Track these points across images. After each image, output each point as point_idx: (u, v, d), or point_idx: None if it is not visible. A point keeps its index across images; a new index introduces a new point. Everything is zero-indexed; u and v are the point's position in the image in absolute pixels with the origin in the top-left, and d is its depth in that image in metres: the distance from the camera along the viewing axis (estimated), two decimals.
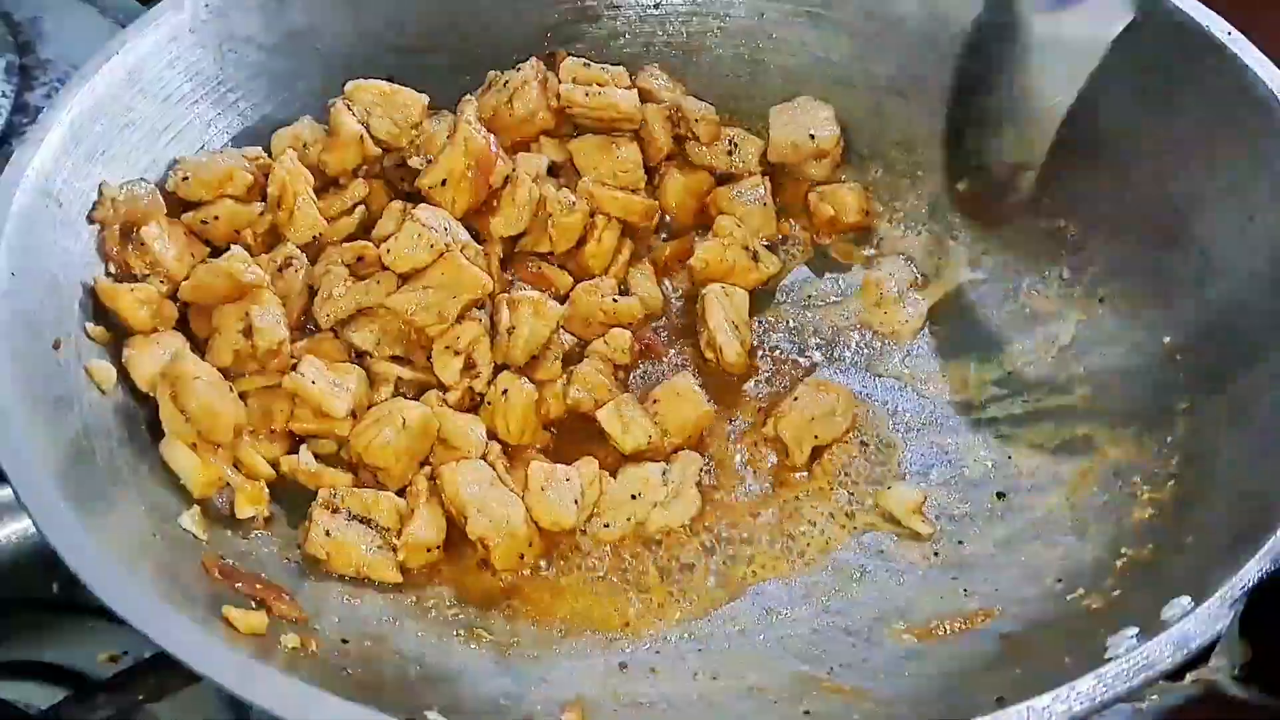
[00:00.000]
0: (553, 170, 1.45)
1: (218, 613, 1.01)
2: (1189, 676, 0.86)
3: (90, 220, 1.21)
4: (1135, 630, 0.93)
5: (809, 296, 1.47)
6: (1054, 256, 1.40)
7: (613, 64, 1.49)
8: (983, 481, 1.28)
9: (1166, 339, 1.26)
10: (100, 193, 1.22)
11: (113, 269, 1.21)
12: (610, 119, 1.45)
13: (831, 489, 1.29)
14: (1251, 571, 0.89)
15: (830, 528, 1.26)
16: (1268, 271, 1.18)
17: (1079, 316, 1.35)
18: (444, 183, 1.31)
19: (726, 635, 1.17)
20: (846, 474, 1.30)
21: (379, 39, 1.48)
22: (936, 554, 1.23)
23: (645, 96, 1.49)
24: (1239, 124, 1.23)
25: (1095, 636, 0.98)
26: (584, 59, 1.47)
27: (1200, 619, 0.87)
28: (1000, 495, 1.26)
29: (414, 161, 1.36)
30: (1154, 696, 0.89)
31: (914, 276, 1.47)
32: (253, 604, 1.05)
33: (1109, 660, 0.88)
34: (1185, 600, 0.92)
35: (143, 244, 1.21)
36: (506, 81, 1.43)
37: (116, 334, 1.19)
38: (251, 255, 1.25)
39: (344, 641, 1.09)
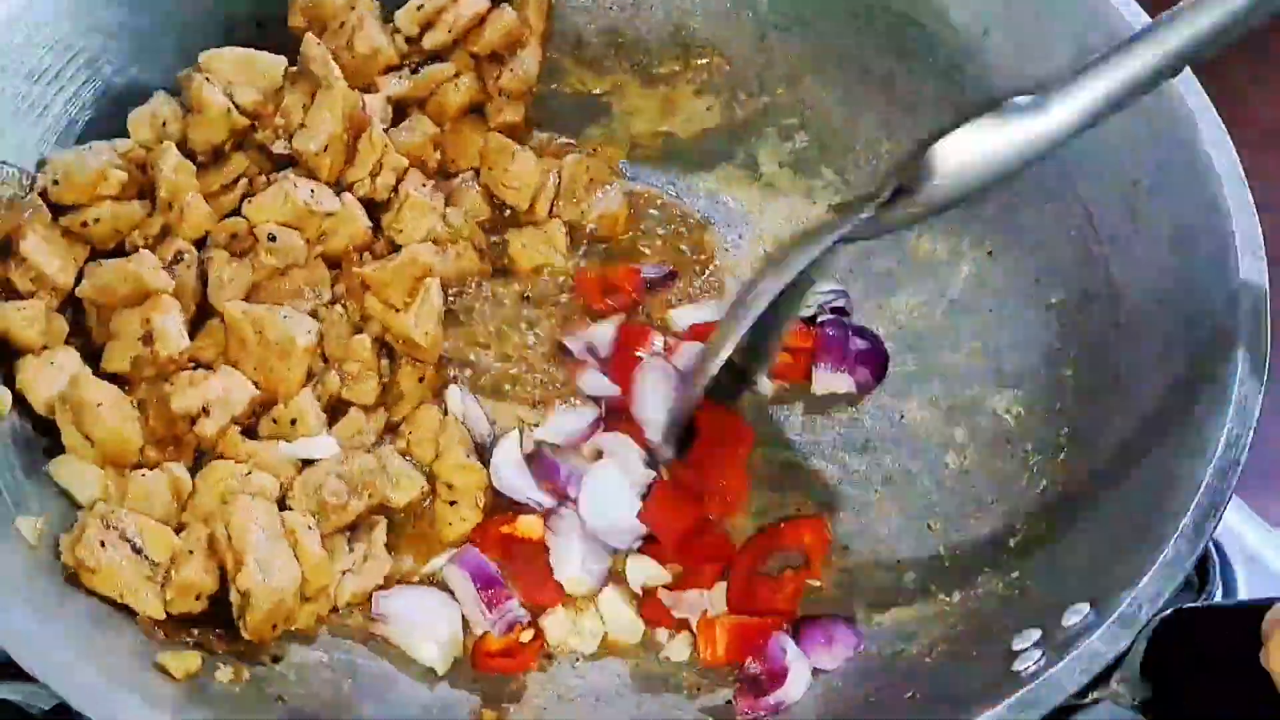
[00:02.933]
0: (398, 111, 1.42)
1: (147, 659, 1.00)
2: (1091, 695, 0.92)
3: None
4: (1038, 634, 0.99)
5: None
6: None
7: None
8: (874, 441, 1.33)
9: (1052, 299, 1.30)
10: None
11: None
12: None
13: None
14: (1149, 588, 0.94)
15: None
16: (1149, 240, 1.21)
17: (967, 269, 1.39)
18: (326, 149, 1.28)
19: None
20: None
21: None
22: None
23: None
24: (1157, 139, 1.22)
25: (998, 625, 1.05)
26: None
27: (1105, 639, 0.93)
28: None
29: (264, 135, 1.32)
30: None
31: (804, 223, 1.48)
32: (188, 644, 1.05)
33: (1017, 674, 0.94)
34: (1084, 606, 0.98)
35: (24, 260, 1.15)
36: (343, 23, 1.37)
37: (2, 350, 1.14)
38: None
39: (275, 660, 1.10)
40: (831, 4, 1.46)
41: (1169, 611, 0.90)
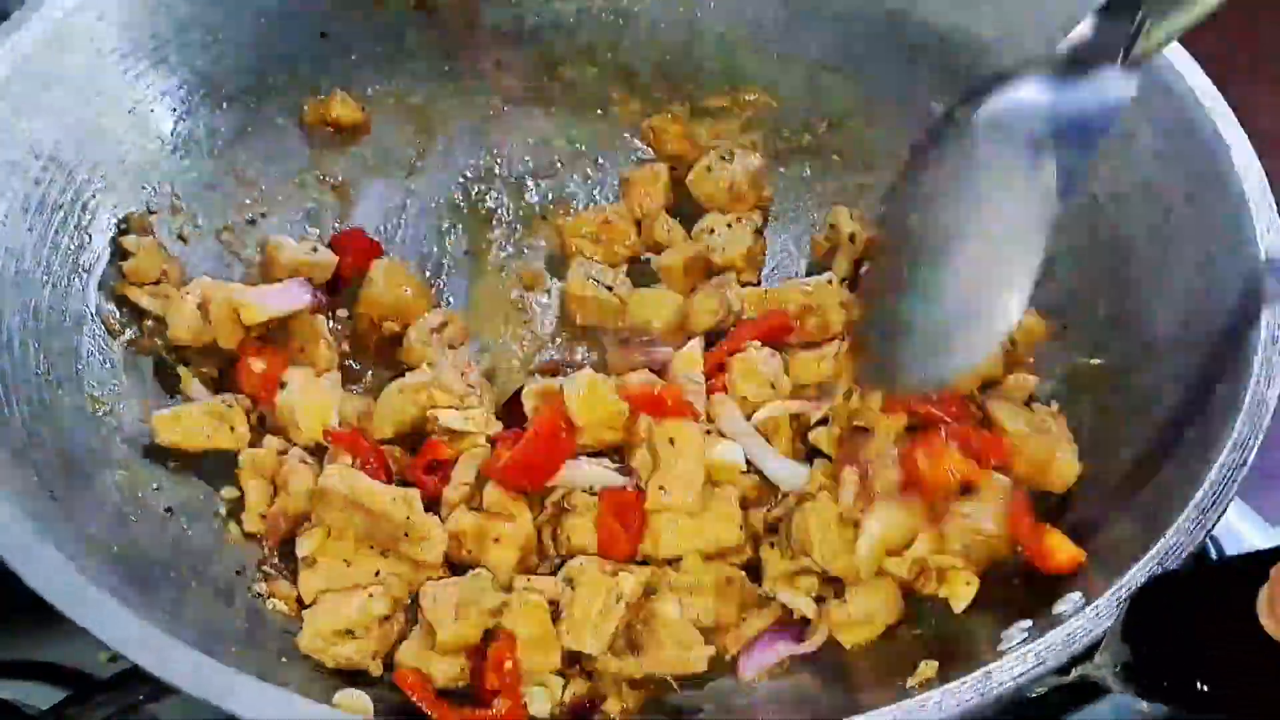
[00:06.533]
0: None
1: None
2: (1074, 671, 0.89)
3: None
4: (1029, 624, 0.97)
5: None
6: None
7: (548, 26, 1.52)
8: None
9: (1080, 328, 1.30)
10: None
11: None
12: None
13: None
14: (1138, 575, 0.93)
15: None
16: (1178, 266, 1.21)
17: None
18: None
19: None
20: None
21: None
22: None
23: None
24: (1189, 170, 1.23)
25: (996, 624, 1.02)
26: None
27: (1089, 618, 0.91)
28: None
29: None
30: (1040, 689, 0.92)
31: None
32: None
33: (1001, 654, 0.92)
34: (1076, 596, 0.96)
35: None
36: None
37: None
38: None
39: None
40: (883, 46, 1.47)
41: (1149, 579, 0.88)
